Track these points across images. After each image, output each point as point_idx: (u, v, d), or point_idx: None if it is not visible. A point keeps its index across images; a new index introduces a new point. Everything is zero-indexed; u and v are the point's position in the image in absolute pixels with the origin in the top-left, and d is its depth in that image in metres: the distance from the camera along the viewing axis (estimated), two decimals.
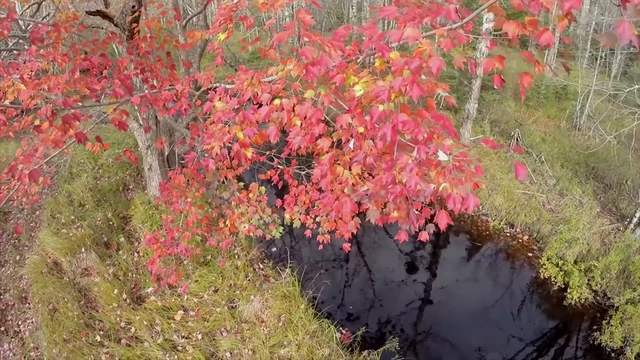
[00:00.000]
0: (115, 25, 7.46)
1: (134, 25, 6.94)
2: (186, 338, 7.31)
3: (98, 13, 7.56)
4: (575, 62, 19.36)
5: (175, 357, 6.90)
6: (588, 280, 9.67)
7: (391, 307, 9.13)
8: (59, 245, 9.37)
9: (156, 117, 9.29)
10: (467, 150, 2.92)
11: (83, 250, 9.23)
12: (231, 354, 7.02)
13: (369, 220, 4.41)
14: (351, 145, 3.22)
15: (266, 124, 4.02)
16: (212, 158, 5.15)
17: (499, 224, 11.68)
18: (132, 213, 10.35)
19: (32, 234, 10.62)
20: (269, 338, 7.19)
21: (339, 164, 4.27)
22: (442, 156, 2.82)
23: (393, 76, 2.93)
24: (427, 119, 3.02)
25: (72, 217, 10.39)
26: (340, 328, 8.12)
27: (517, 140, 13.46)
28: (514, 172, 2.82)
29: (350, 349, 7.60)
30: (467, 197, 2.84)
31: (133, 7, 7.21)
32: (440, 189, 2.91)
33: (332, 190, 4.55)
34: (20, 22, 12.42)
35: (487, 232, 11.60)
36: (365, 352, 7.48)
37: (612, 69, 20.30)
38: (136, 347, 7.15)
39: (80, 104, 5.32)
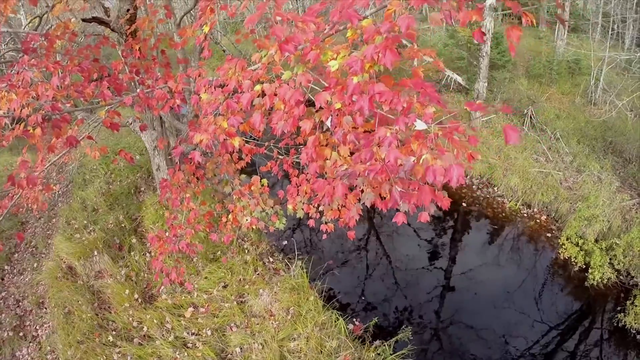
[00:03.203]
0: (112, 30, 7.47)
1: (127, 27, 6.92)
2: (196, 335, 7.28)
3: (94, 20, 7.57)
4: (588, 35, 18.73)
5: (186, 354, 6.88)
6: (610, 259, 9.32)
7: (408, 294, 8.95)
8: (72, 250, 9.47)
9: (161, 117, 9.29)
10: (449, 113, 2.73)
11: (96, 253, 9.31)
12: (241, 349, 6.96)
13: (364, 203, 4.25)
14: (328, 123, 3.07)
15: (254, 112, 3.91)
16: (205, 151, 5.08)
17: (515, 204, 11.36)
18: (143, 214, 10.40)
19: (49, 242, 10.78)
20: (279, 332, 7.11)
21: (329, 145, 4.13)
22: (419, 125, 2.63)
23: (366, 44, 2.78)
24: (407, 87, 2.85)
25: (85, 222, 10.50)
26: (354, 319, 7.99)
27: (530, 118, 13.06)
28: (504, 137, 2.59)
29: (362, 340, 7.47)
30: (449, 168, 2.61)
31: (127, 10, 7.20)
32: (421, 161, 2.72)
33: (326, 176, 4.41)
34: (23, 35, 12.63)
35: (504, 214, 11.29)
36: (377, 342, 7.34)
37: (625, 40, 19.60)
38: (147, 346, 7.16)
39: (68, 106, 5.31)
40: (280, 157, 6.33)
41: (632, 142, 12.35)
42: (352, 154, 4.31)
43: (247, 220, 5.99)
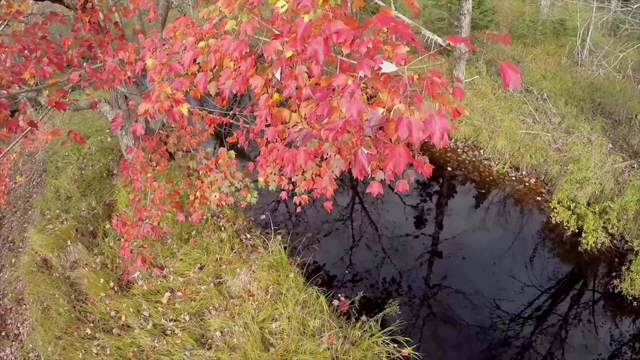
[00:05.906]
0: (67, 7, 6.94)
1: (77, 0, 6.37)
2: (174, 321, 6.92)
3: None
4: None
5: (165, 342, 6.52)
6: (603, 223, 9.04)
7: (396, 263, 8.62)
8: (46, 241, 9.04)
9: (125, 95, 8.76)
10: (425, 55, 2.28)
11: (69, 243, 8.86)
12: (221, 333, 6.61)
13: (333, 172, 3.84)
14: (277, 74, 2.59)
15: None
16: (170, 125, 4.62)
17: (503, 167, 11.03)
18: (116, 198, 9.94)
19: (25, 235, 10.30)
20: (259, 313, 6.75)
21: (292, 108, 3.67)
22: (387, 67, 2.14)
23: None
24: (371, 25, 2.36)
25: (58, 212, 10.02)
26: (339, 295, 7.67)
27: None
28: (502, 77, 2.07)
29: (347, 316, 7.16)
30: (429, 120, 2.05)
31: None
32: (392, 113, 2.22)
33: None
34: None
35: (491, 178, 10.95)
36: (363, 318, 7.04)
37: (611, 0, 19.09)
38: (126, 336, 6.79)
39: (5, 92, 4.86)
40: (246, 125, 5.86)
41: (621, 104, 12.01)
42: None
43: (215, 196, 5.57)
